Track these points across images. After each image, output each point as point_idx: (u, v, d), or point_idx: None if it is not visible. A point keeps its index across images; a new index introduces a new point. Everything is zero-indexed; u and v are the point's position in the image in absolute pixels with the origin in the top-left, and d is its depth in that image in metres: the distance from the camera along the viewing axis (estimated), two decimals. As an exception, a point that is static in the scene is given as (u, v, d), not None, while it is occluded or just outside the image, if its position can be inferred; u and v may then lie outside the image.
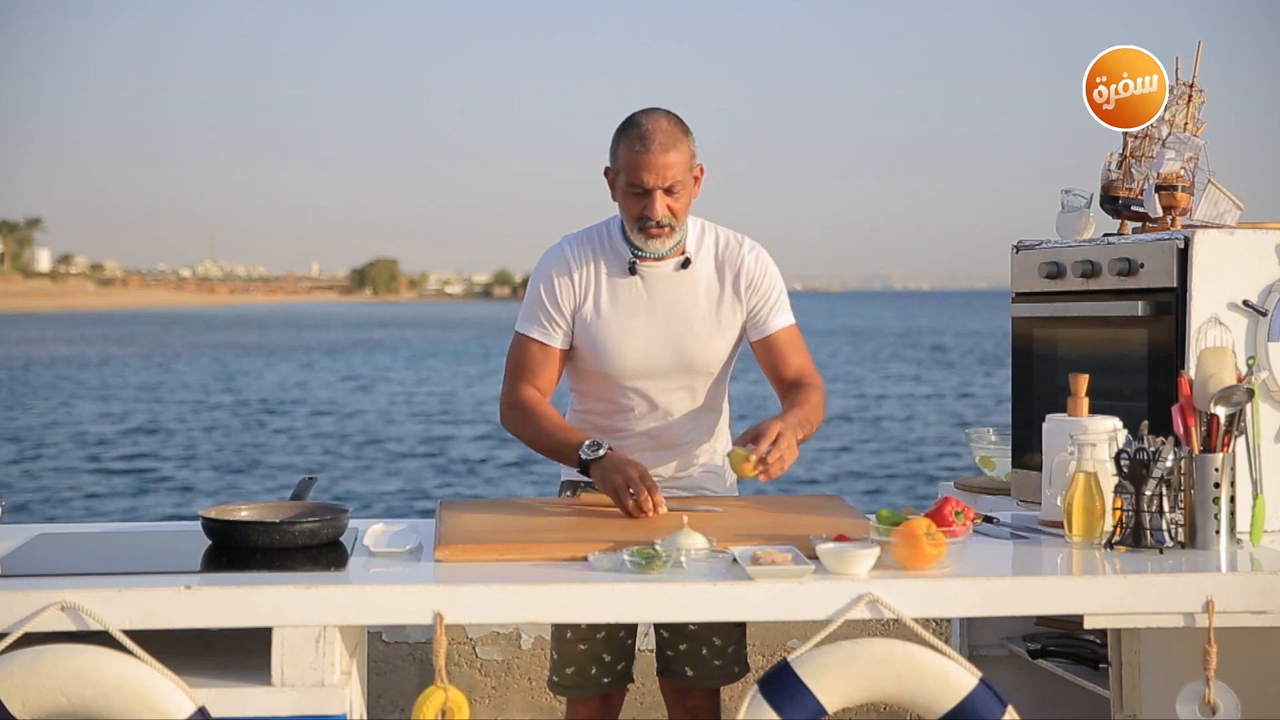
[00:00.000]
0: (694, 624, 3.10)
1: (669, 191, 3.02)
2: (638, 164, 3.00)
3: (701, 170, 3.12)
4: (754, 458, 2.85)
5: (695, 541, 2.55)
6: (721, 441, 3.30)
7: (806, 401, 3.11)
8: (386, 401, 33.86)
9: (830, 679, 2.39)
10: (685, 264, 3.14)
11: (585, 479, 3.14)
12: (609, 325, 3.13)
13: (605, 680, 3.13)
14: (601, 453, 2.96)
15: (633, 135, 3.02)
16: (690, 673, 3.14)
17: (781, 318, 3.21)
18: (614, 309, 3.14)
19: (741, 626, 3.17)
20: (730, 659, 3.15)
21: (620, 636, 3.14)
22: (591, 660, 3.11)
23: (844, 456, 23.26)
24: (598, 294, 3.15)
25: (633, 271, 3.14)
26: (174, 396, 35.01)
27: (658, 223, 3.04)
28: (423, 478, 20.68)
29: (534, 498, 3.22)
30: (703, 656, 3.13)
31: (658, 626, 3.20)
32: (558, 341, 3.17)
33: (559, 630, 3.13)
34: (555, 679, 3.16)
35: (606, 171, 3.12)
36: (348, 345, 62.87)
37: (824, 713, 2.39)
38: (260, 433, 26.90)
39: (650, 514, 2.86)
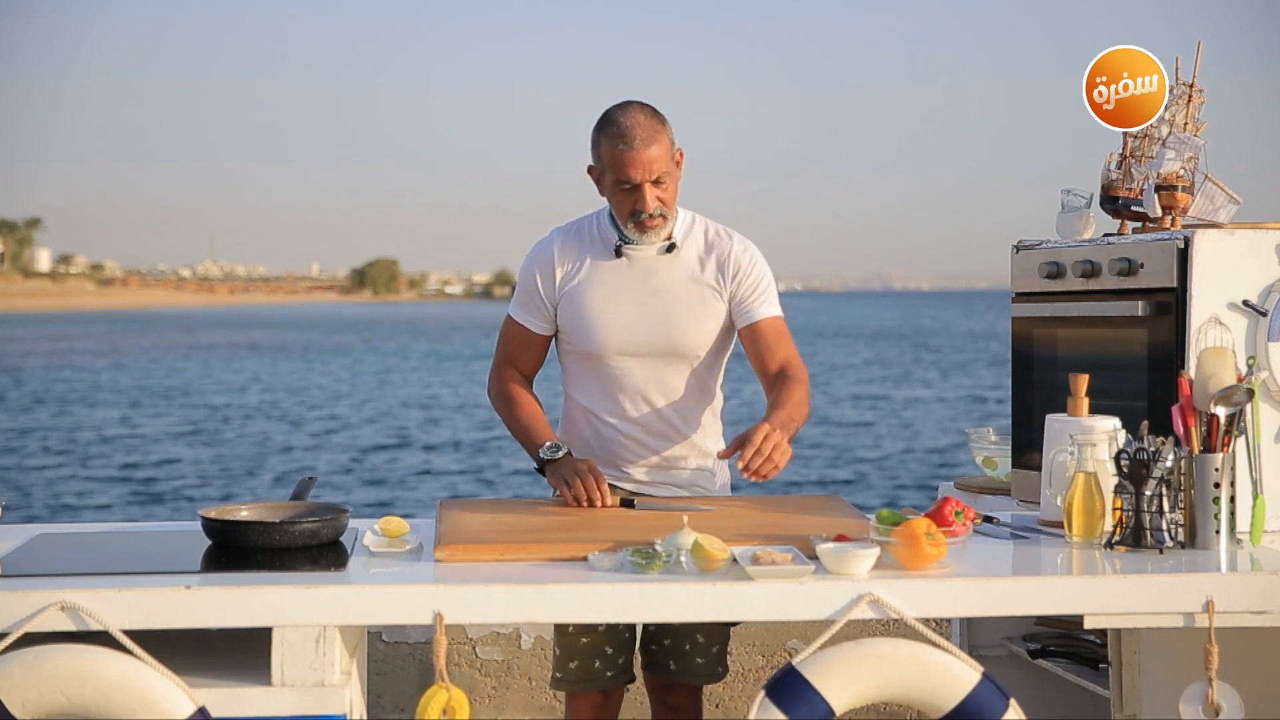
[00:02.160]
0: None
1: (656, 183, 3.10)
2: (623, 161, 3.07)
3: (681, 154, 3.18)
4: (745, 463, 2.85)
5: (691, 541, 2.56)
6: (712, 441, 3.30)
7: (789, 400, 3.10)
8: (386, 401, 33.85)
9: (837, 680, 2.39)
10: (670, 248, 3.20)
11: None
12: (593, 302, 3.19)
13: (609, 674, 3.14)
14: (559, 455, 3.09)
15: (613, 134, 3.08)
16: (673, 667, 3.16)
17: (768, 308, 3.24)
18: (598, 288, 3.20)
19: (725, 630, 3.18)
20: (714, 658, 3.16)
21: (620, 629, 3.15)
22: (595, 654, 3.12)
23: (844, 456, 23.26)
24: (582, 274, 3.21)
25: (618, 254, 3.20)
26: (173, 396, 35.01)
27: (650, 214, 3.11)
28: (423, 478, 20.68)
29: (534, 498, 3.23)
30: (686, 652, 3.14)
31: None
32: (539, 328, 3.27)
33: (561, 625, 3.14)
34: (559, 675, 3.16)
35: (590, 169, 3.18)
36: (347, 345, 62.86)
37: (832, 714, 2.39)
38: (259, 433, 26.90)
39: (596, 503, 2.98)
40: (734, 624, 3.34)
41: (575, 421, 3.30)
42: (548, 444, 3.13)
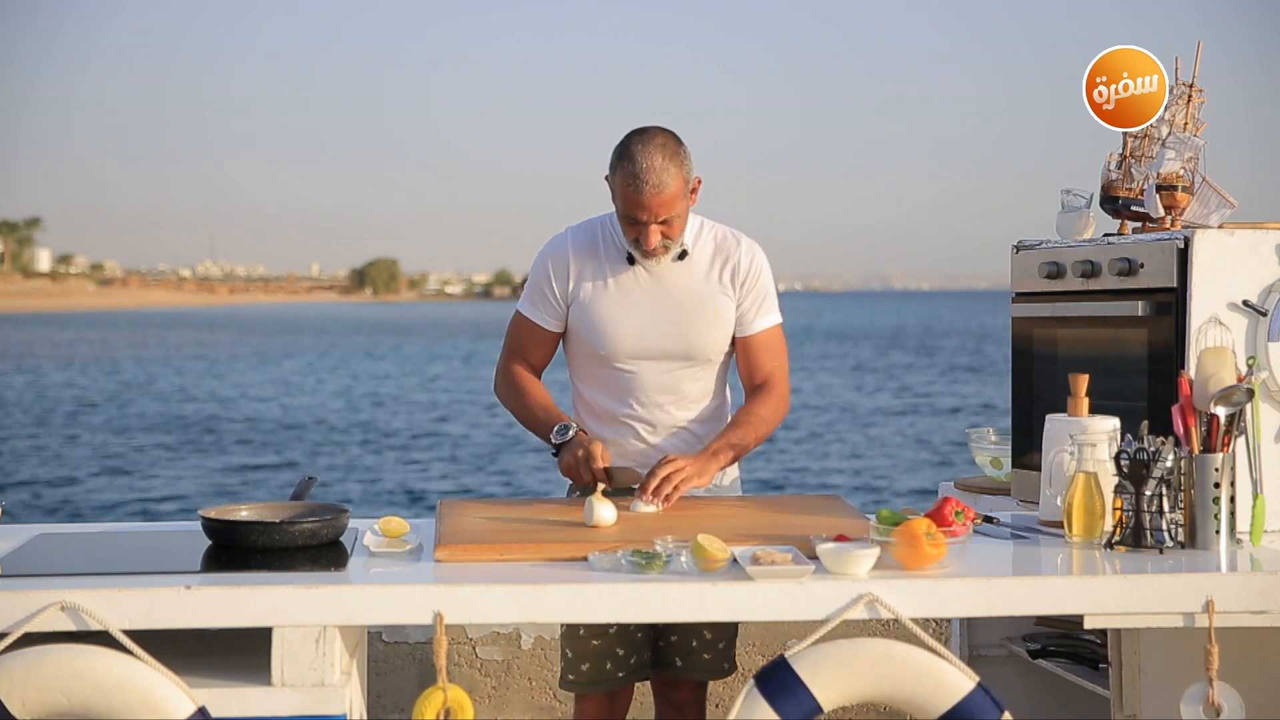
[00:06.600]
0: None
1: (663, 223, 3.10)
2: (631, 200, 3.07)
3: (699, 182, 3.17)
4: (647, 492, 2.97)
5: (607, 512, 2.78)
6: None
7: (749, 421, 3.18)
8: (386, 401, 33.85)
9: (827, 677, 2.39)
10: (682, 255, 3.22)
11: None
12: (605, 306, 3.21)
13: (620, 675, 3.14)
14: (569, 436, 3.12)
15: (628, 171, 3.06)
16: (680, 663, 3.16)
17: (766, 319, 3.27)
18: (611, 292, 3.22)
19: (733, 626, 3.19)
20: (720, 655, 3.17)
21: (631, 630, 3.15)
22: (606, 656, 3.12)
23: (844, 456, 23.26)
24: (595, 279, 3.23)
25: (631, 262, 3.21)
26: (172, 396, 35.00)
27: (650, 249, 3.13)
28: (423, 477, 20.68)
29: (534, 498, 3.23)
30: (693, 649, 3.15)
31: None
32: (549, 324, 3.29)
33: (571, 628, 3.14)
34: (570, 677, 3.16)
35: (607, 179, 3.16)
36: (348, 346, 62.84)
37: (820, 710, 2.39)
38: (260, 433, 26.90)
39: (587, 478, 3.02)
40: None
41: (585, 424, 3.29)
42: (557, 427, 3.15)
